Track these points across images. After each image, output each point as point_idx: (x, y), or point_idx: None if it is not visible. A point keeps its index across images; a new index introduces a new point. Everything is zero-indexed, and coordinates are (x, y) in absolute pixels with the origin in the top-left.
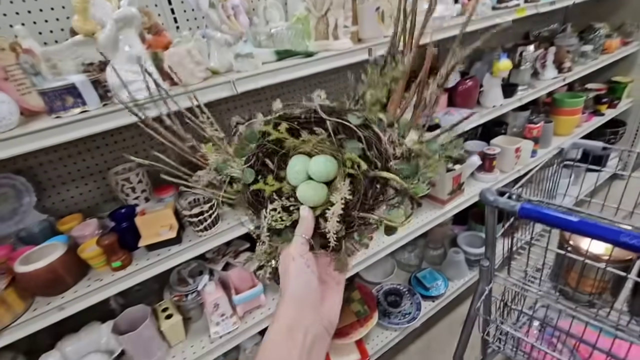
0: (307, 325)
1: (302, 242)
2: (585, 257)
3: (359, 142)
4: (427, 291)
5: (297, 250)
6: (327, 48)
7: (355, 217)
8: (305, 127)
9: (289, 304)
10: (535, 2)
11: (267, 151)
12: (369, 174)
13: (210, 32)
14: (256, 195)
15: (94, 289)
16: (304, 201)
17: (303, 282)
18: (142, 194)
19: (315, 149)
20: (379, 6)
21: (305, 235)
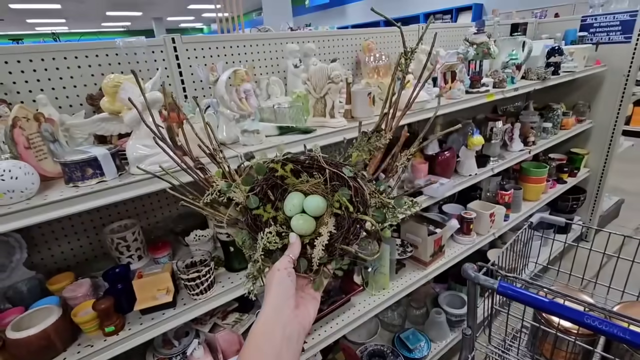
0: (285, 322)
1: (288, 260)
2: (557, 330)
3: (349, 190)
4: (410, 353)
5: (282, 264)
6: (323, 124)
7: (337, 248)
8: (306, 170)
9: (269, 306)
10: (501, 88)
11: (271, 184)
12: (352, 216)
13: (221, 108)
14: (254, 219)
15: (84, 355)
16: (295, 229)
17: (282, 289)
18: (136, 252)
19: (311, 189)
20: (370, 91)
21: (292, 255)
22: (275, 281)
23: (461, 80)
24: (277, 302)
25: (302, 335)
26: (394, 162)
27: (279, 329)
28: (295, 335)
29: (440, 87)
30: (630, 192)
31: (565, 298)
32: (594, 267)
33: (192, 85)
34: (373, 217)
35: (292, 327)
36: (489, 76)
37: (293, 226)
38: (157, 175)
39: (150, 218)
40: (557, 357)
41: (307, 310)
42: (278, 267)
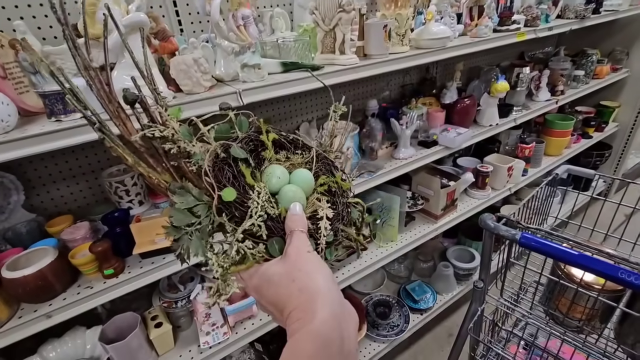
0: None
1: (306, 237)
2: (578, 286)
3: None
4: (415, 304)
5: (307, 243)
6: (333, 62)
7: (339, 230)
8: (288, 147)
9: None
10: (534, 27)
11: (250, 147)
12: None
13: (218, 39)
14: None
15: (83, 296)
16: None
17: (328, 275)
18: (136, 197)
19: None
20: (386, 24)
21: (304, 230)
22: (315, 268)
23: (489, 16)
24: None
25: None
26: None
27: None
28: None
29: (465, 24)
30: None
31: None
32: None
33: (189, 18)
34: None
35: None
36: (520, 13)
37: (285, 197)
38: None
39: None
40: (574, 312)
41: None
42: (301, 248)
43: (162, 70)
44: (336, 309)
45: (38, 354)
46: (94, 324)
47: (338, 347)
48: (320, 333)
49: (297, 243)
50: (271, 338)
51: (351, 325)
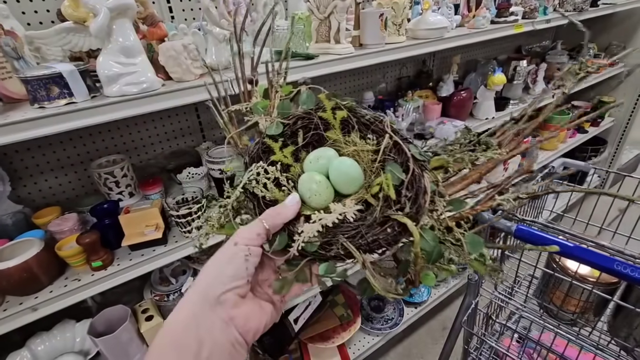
0: (208, 328)
1: (259, 231)
2: (573, 278)
3: (403, 173)
4: (410, 297)
5: (248, 234)
6: (327, 51)
7: (339, 243)
8: (360, 129)
9: (193, 295)
10: (532, 19)
11: (306, 124)
12: (387, 211)
13: (209, 26)
14: (264, 152)
15: (71, 289)
16: (300, 190)
17: (231, 270)
18: (126, 188)
19: (352, 154)
20: (382, 12)
21: (267, 224)
22: (226, 256)
23: (487, 7)
24: (207, 293)
25: (239, 350)
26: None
27: (193, 337)
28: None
29: (463, 15)
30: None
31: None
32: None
33: (180, 5)
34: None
35: (216, 339)
36: (518, 4)
37: (301, 185)
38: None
39: (141, 155)
40: (568, 305)
41: (252, 316)
42: (236, 240)
43: (151, 57)
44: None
45: (26, 347)
46: (84, 317)
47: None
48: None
49: (237, 235)
50: None
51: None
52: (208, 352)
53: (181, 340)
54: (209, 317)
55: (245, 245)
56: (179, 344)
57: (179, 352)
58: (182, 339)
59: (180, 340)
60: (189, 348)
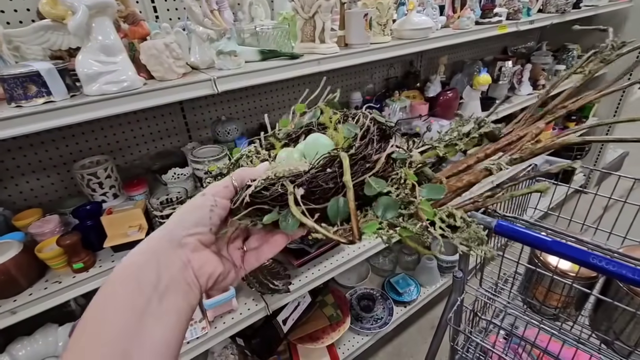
0: (167, 263)
1: (227, 184)
2: (554, 274)
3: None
4: (399, 296)
5: (216, 187)
6: (312, 51)
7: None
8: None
9: (156, 232)
10: (516, 20)
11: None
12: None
13: (192, 25)
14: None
15: (51, 291)
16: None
17: (195, 217)
18: (110, 189)
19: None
20: (367, 12)
21: (236, 178)
22: (190, 205)
23: (472, 8)
24: (171, 234)
25: (195, 291)
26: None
27: (153, 270)
28: (177, 290)
29: (448, 15)
30: (635, 145)
31: (568, 239)
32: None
33: (165, 4)
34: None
35: (174, 275)
36: (502, 6)
37: (278, 160)
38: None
39: (127, 156)
40: (550, 300)
41: (208, 263)
42: (205, 192)
43: (133, 56)
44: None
45: (7, 352)
46: (67, 321)
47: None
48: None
49: (208, 188)
50: (253, 332)
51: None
52: (165, 285)
53: (141, 272)
54: (169, 255)
55: (212, 195)
56: (139, 275)
57: (138, 282)
58: (142, 271)
59: (141, 271)
60: (149, 279)
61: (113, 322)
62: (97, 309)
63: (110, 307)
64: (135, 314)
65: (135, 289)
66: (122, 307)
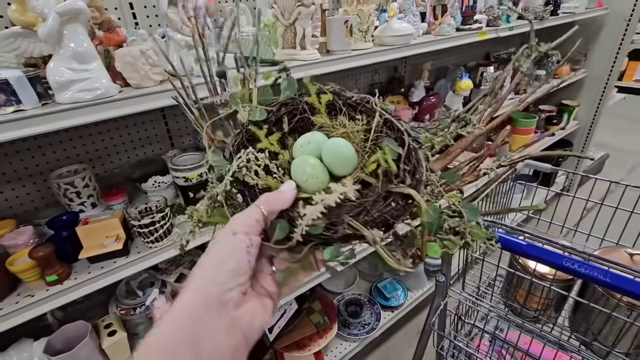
0: (209, 332)
1: (258, 217)
2: (532, 276)
3: (399, 147)
4: (387, 301)
5: (247, 221)
6: (294, 57)
7: (344, 222)
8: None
9: (188, 297)
10: (496, 26)
11: (291, 110)
12: (389, 186)
13: (170, 32)
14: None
15: (23, 305)
16: (294, 175)
17: (233, 265)
18: (88, 199)
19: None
20: (347, 19)
21: (266, 210)
22: (225, 249)
23: (453, 15)
24: (208, 292)
25: (249, 344)
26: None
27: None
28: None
29: (429, 22)
30: (615, 147)
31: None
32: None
33: (144, 11)
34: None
35: (218, 345)
36: (483, 12)
37: (294, 169)
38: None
39: (106, 164)
40: (531, 303)
41: (256, 314)
42: (234, 229)
43: (108, 64)
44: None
45: None
46: (44, 335)
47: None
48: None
49: (234, 222)
50: None
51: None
52: (210, 351)
53: (173, 346)
54: (211, 321)
55: (245, 234)
56: (170, 351)
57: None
58: (174, 344)
59: (172, 345)
60: (182, 356)
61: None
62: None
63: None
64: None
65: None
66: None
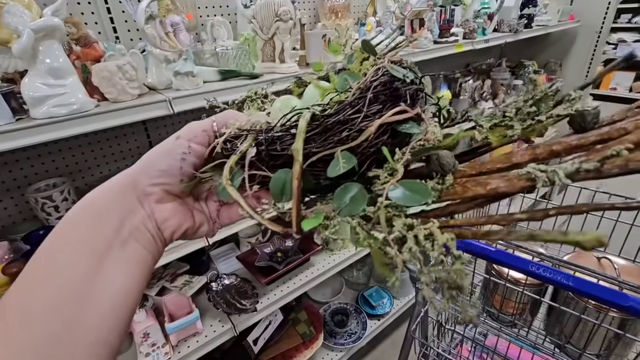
0: (133, 207)
1: (206, 128)
2: (507, 281)
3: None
4: (373, 310)
5: (193, 130)
6: (273, 70)
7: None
8: None
9: (125, 176)
10: (472, 39)
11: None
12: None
13: (149, 47)
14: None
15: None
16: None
17: (164, 165)
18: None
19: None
20: (325, 33)
21: (218, 123)
22: (162, 148)
23: (430, 29)
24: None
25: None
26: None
27: (115, 214)
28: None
29: (407, 35)
30: None
31: (516, 248)
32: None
33: (125, 25)
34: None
35: (137, 225)
36: (459, 26)
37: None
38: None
39: (87, 177)
40: (507, 308)
41: (174, 216)
42: (179, 134)
43: (86, 78)
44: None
45: None
46: None
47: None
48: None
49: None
50: (222, 355)
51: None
52: (127, 232)
53: (103, 214)
54: (132, 203)
55: (187, 140)
56: (101, 217)
57: (100, 224)
58: (104, 213)
59: (102, 213)
60: (110, 223)
61: (71, 263)
62: (53, 247)
63: (68, 246)
64: (95, 257)
65: (96, 231)
66: (81, 248)
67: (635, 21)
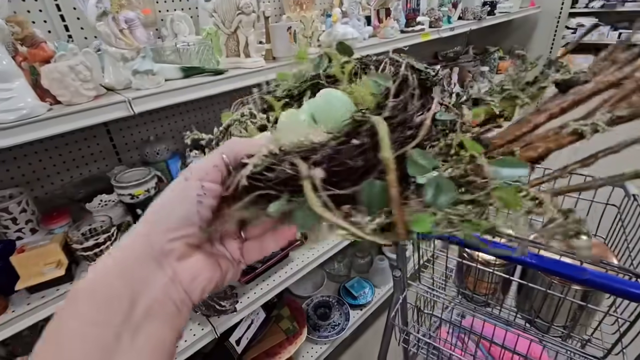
0: (148, 281)
1: (217, 162)
2: (477, 263)
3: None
4: (355, 300)
5: (203, 167)
6: (238, 65)
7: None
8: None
9: (137, 236)
10: (437, 27)
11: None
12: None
13: (104, 45)
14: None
15: None
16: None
17: (180, 213)
18: (26, 225)
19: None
20: (290, 26)
21: (227, 155)
22: (173, 195)
23: (396, 18)
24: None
25: (183, 310)
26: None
27: (124, 293)
28: (159, 315)
29: (374, 26)
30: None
31: None
32: None
33: (78, 23)
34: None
35: (156, 296)
36: (425, 15)
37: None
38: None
39: (46, 186)
40: (480, 289)
41: (202, 272)
42: (187, 174)
43: (35, 81)
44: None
45: None
46: None
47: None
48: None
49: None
50: (204, 358)
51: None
52: (143, 311)
53: (108, 297)
54: (148, 271)
55: (199, 179)
56: (106, 301)
57: (104, 311)
58: (109, 295)
59: (107, 296)
60: (118, 307)
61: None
62: (50, 346)
63: (66, 346)
64: (107, 352)
65: (99, 321)
66: (82, 347)
67: (592, 5)
